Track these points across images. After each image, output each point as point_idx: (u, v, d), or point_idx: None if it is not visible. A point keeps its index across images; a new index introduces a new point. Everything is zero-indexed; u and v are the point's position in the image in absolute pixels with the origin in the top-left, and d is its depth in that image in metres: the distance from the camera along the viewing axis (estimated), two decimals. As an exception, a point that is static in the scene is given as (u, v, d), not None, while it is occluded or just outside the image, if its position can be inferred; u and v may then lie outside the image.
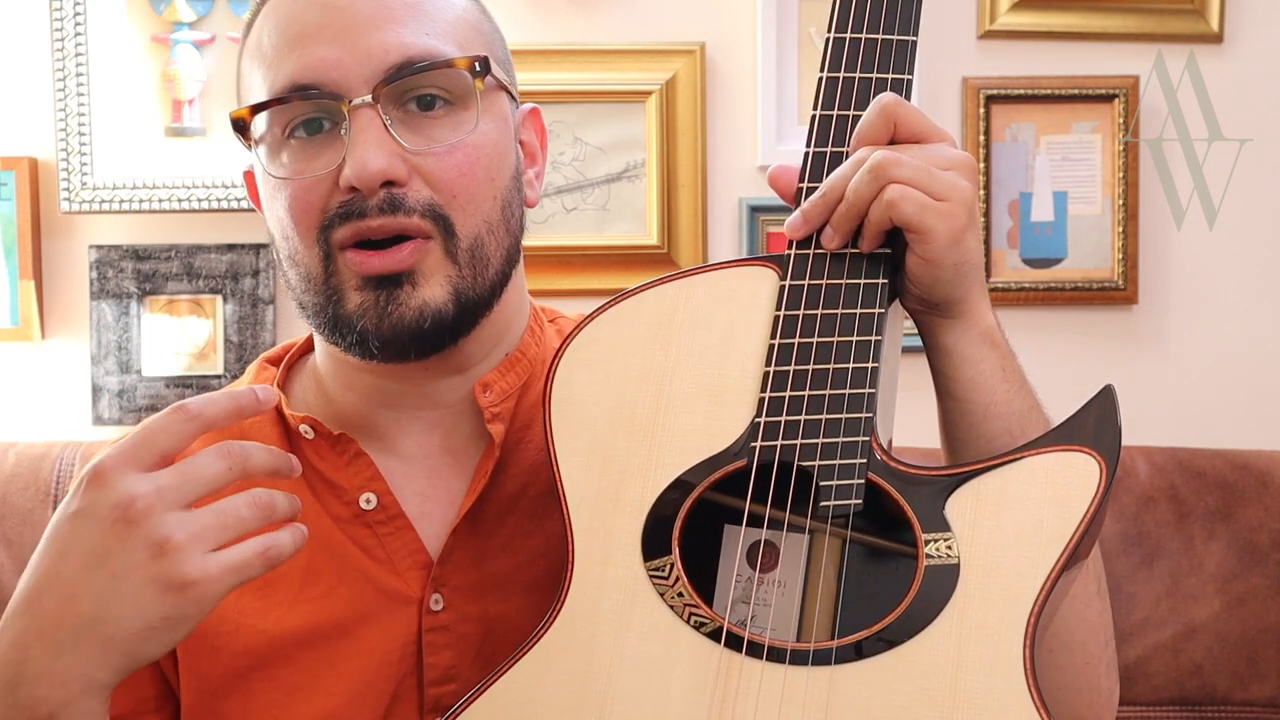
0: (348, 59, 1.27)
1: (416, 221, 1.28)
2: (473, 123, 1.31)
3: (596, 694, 1.16)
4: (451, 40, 1.32)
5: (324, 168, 1.29)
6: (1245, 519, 2.40)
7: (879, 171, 1.20)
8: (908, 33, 1.29)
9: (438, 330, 1.30)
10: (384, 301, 1.28)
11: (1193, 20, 2.68)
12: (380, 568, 1.34)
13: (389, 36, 1.28)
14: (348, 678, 1.32)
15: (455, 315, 1.31)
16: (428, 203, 1.29)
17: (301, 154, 1.30)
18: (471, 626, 1.34)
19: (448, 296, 1.30)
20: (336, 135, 1.28)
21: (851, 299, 1.23)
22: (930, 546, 1.16)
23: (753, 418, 1.21)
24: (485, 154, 1.32)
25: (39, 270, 2.64)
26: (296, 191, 1.30)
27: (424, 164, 1.29)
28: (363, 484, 1.36)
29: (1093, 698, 1.32)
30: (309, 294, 1.33)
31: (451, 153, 1.30)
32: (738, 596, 1.22)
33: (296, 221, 1.31)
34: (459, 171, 1.30)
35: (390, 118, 1.28)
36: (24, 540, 2.33)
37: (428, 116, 1.30)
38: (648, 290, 1.27)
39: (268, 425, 1.39)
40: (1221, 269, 2.72)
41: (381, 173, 1.26)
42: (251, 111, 1.31)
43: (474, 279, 1.31)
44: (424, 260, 1.29)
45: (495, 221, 1.33)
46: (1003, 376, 1.27)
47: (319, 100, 1.28)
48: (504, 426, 1.37)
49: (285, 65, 1.29)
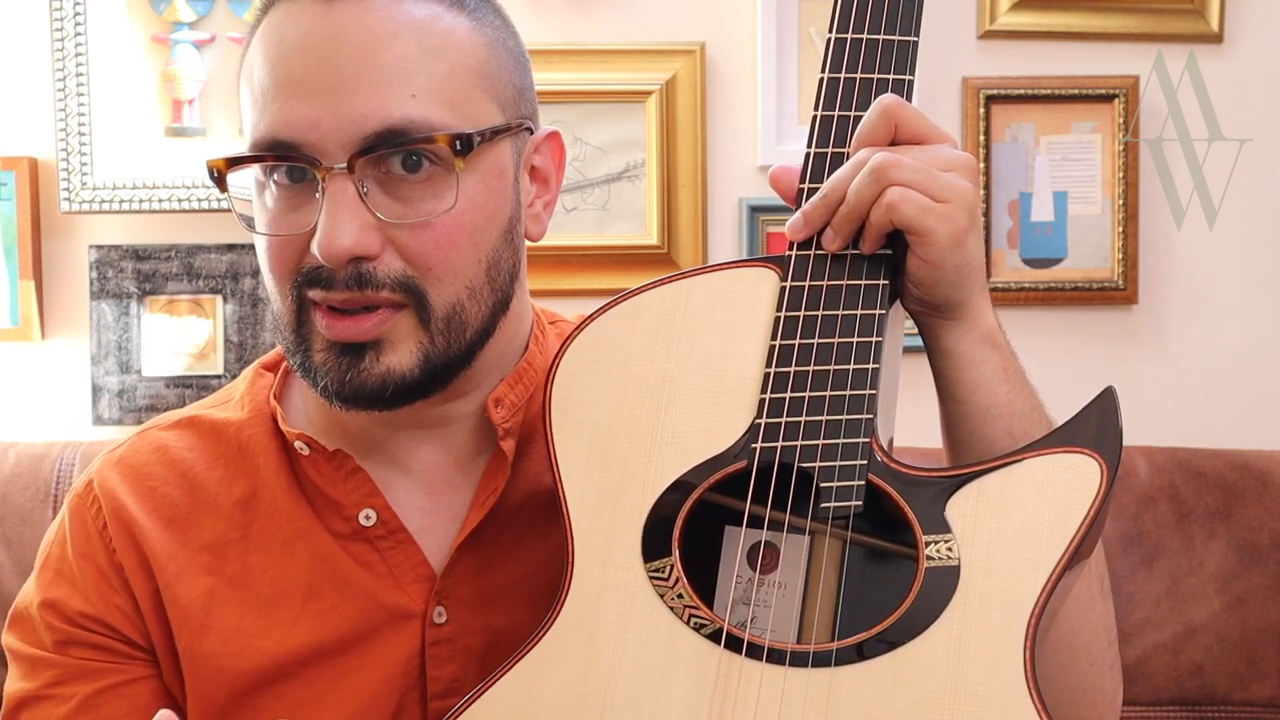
0: (326, 121, 1.21)
1: (385, 295, 1.24)
2: (452, 197, 1.24)
3: (596, 695, 1.15)
4: (443, 99, 1.24)
5: (300, 225, 1.25)
6: (1245, 519, 2.40)
7: (879, 173, 1.19)
8: (909, 33, 1.28)
9: (401, 394, 1.27)
10: (345, 367, 1.26)
11: (1193, 20, 2.69)
12: (382, 583, 1.33)
13: (369, 102, 1.21)
14: (352, 693, 1.32)
15: (421, 380, 1.27)
16: (399, 276, 1.24)
17: (282, 203, 1.26)
18: (475, 639, 1.33)
19: (415, 363, 1.26)
20: (314, 191, 1.24)
21: (852, 300, 1.23)
22: (931, 548, 1.16)
23: (753, 419, 1.21)
24: (468, 222, 1.26)
25: (39, 270, 2.64)
26: (274, 244, 1.27)
27: (399, 236, 1.24)
28: (361, 500, 1.34)
29: (1096, 699, 1.32)
30: (282, 334, 1.31)
31: (429, 227, 1.24)
32: (738, 598, 1.22)
33: (272, 271, 1.28)
34: (435, 245, 1.25)
35: (367, 184, 1.23)
36: (24, 540, 2.33)
37: (411, 179, 1.24)
38: (648, 291, 1.26)
39: (266, 438, 1.38)
40: (1221, 269, 2.73)
41: (347, 251, 1.22)
42: (228, 164, 1.27)
43: (447, 345, 1.28)
44: (393, 329, 1.25)
45: (479, 284, 1.28)
46: (1004, 378, 1.27)
47: (294, 162, 1.24)
48: (515, 442, 1.35)
49: (267, 115, 1.24)
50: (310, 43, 1.23)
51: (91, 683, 1.33)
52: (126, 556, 1.34)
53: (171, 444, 1.40)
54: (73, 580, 1.35)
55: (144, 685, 1.35)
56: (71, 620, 1.34)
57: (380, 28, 1.23)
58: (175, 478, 1.37)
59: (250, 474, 1.37)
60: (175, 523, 1.35)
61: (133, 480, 1.37)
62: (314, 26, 1.23)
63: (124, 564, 1.34)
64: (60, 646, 1.34)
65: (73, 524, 1.37)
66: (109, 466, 1.39)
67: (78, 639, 1.33)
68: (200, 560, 1.34)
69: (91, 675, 1.33)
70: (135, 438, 1.42)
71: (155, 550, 1.34)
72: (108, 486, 1.37)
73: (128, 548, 1.34)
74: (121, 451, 1.41)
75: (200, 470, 1.38)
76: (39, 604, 1.35)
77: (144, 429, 1.43)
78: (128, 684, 1.34)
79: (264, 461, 1.37)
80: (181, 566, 1.34)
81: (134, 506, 1.36)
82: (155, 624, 1.34)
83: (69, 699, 1.33)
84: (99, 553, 1.35)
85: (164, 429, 1.42)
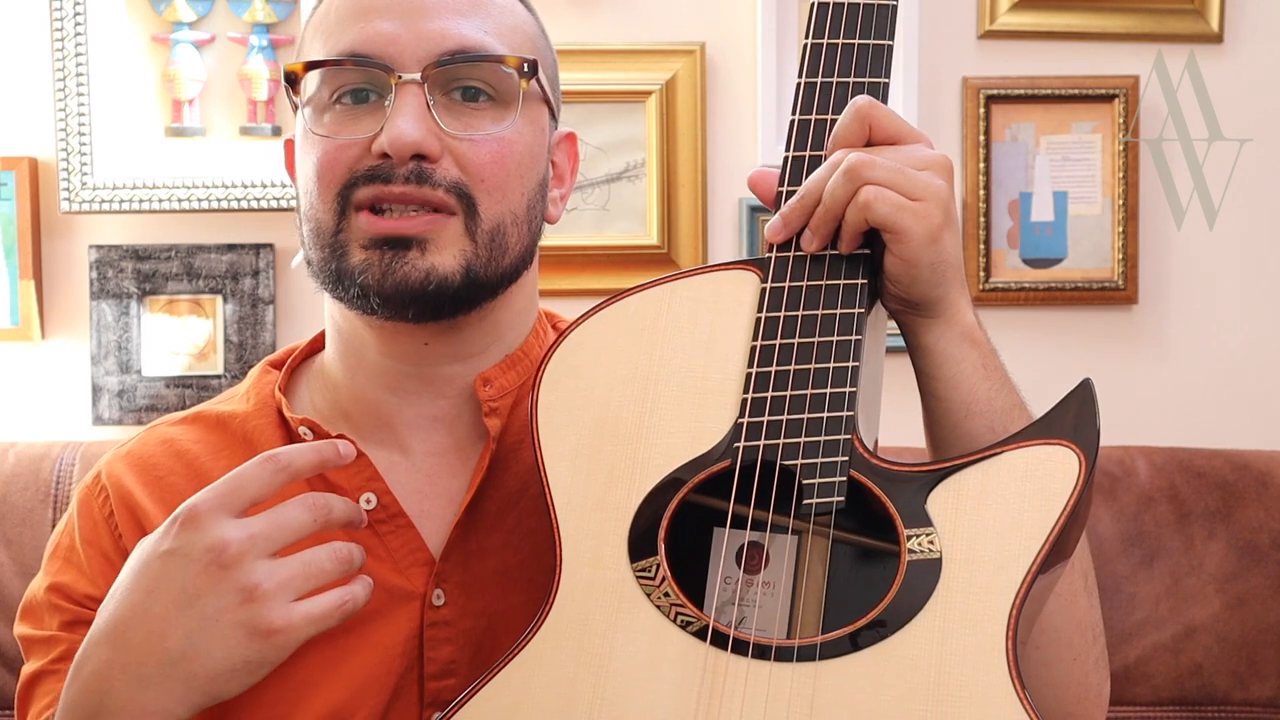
0: (405, 37, 1.31)
1: (441, 195, 1.31)
2: (511, 120, 1.34)
3: (585, 695, 1.16)
4: (507, 42, 1.35)
5: (362, 132, 1.32)
6: (1245, 519, 2.40)
7: (853, 173, 1.20)
8: (884, 38, 1.29)
9: (440, 296, 1.32)
10: (389, 260, 1.31)
11: (1193, 20, 2.68)
12: (382, 565, 1.35)
13: (449, 24, 1.32)
14: (351, 674, 1.33)
15: (461, 286, 1.32)
16: (455, 181, 1.32)
17: (344, 118, 1.33)
18: (472, 621, 1.35)
19: (458, 266, 1.32)
20: (380, 107, 1.32)
21: (831, 300, 1.24)
22: (912, 542, 1.17)
23: (736, 419, 1.22)
24: (518, 151, 1.35)
25: (39, 270, 2.65)
26: (329, 148, 1.33)
27: (458, 147, 1.32)
28: (362, 484, 1.37)
29: (1081, 693, 1.33)
30: (315, 248, 1.36)
31: (487, 142, 1.33)
32: (725, 598, 1.22)
33: (320, 175, 1.33)
34: (491, 158, 1.33)
35: (434, 99, 1.31)
36: (24, 540, 2.33)
37: (470, 107, 1.33)
38: (632, 295, 1.28)
39: (271, 428, 1.41)
40: (1221, 269, 2.72)
41: (415, 144, 1.29)
42: (305, 68, 1.35)
43: (489, 260, 1.34)
44: (441, 231, 1.31)
45: (520, 215, 1.36)
46: (984, 374, 1.27)
47: (370, 69, 1.32)
48: (500, 422, 1.38)
49: (346, 34, 1.33)
50: None
51: None
52: (132, 541, 1.34)
53: (178, 437, 1.43)
54: (79, 566, 1.37)
55: None
56: (78, 601, 1.36)
57: None
58: (182, 467, 1.40)
59: None
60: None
61: (140, 470, 1.40)
62: None
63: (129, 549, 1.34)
64: (67, 626, 1.36)
65: (80, 514, 1.40)
66: (117, 459, 1.43)
67: (83, 618, 1.34)
68: None
69: None
70: (143, 433, 1.45)
71: None
72: (115, 476, 1.40)
73: (133, 532, 1.35)
74: (129, 446, 1.44)
75: (206, 460, 1.40)
76: (46, 588, 1.38)
77: (151, 426, 1.47)
78: None
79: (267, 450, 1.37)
80: None
81: (141, 495, 1.38)
82: None
83: None
84: (105, 538, 1.38)
85: (171, 424, 1.45)
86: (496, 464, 1.37)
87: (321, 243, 1.34)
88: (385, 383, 1.40)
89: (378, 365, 1.39)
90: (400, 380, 1.39)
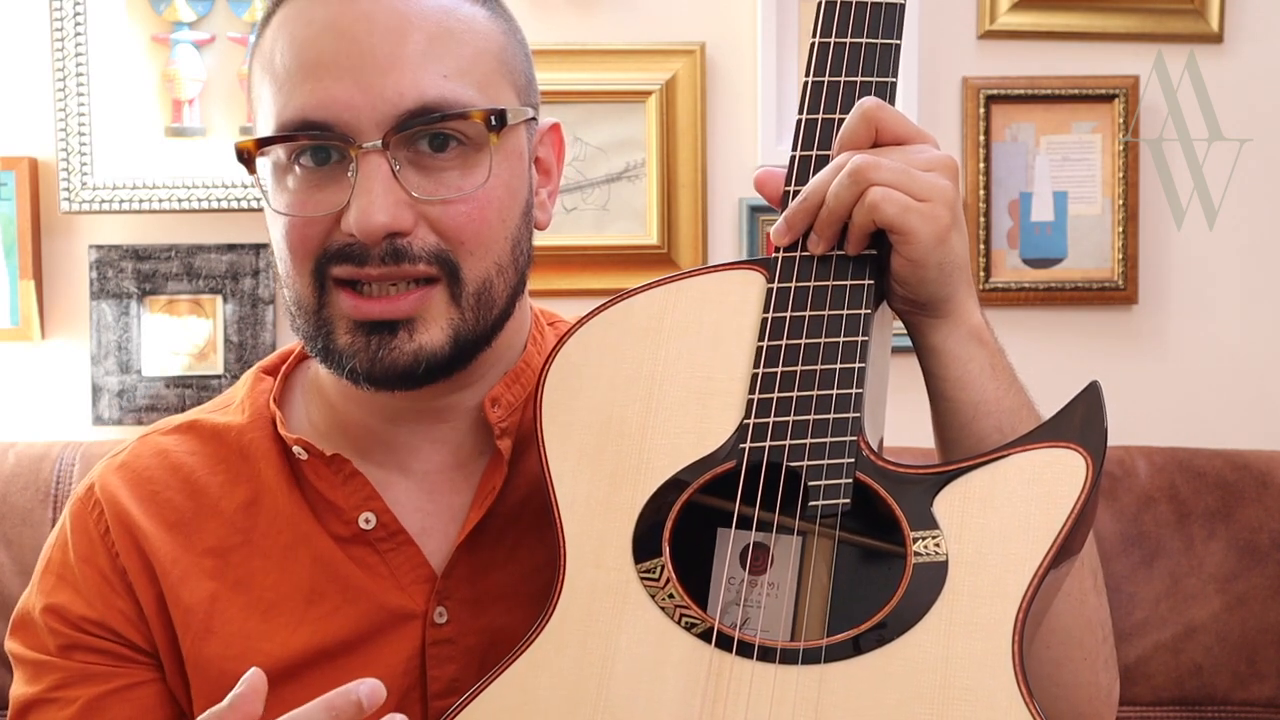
0: (360, 100, 1.23)
1: (421, 269, 1.26)
2: (485, 171, 1.27)
3: (589, 697, 1.16)
4: (471, 80, 1.27)
5: (327, 205, 1.26)
6: (1245, 519, 2.40)
7: (859, 175, 1.20)
8: (891, 36, 1.29)
9: (431, 372, 1.28)
10: (375, 346, 1.26)
11: (1193, 20, 2.68)
12: (383, 584, 1.34)
13: (403, 80, 1.24)
14: None
15: (451, 356, 1.29)
16: (434, 249, 1.26)
17: (306, 184, 1.27)
18: (475, 639, 1.34)
19: (446, 340, 1.28)
20: (343, 171, 1.25)
21: (838, 300, 1.23)
22: (918, 544, 1.16)
23: (741, 420, 1.21)
24: (497, 199, 1.29)
25: (39, 270, 2.64)
26: (296, 224, 1.27)
27: (431, 212, 1.26)
28: (360, 504, 1.35)
29: (1091, 693, 1.32)
30: (300, 319, 1.31)
31: (462, 202, 1.26)
32: (730, 599, 1.22)
33: (292, 251, 1.28)
34: (468, 219, 1.27)
35: (399, 162, 1.24)
36: (24, 540, 2.33)
37: (440, 158, 1.26)
38: (637, 295, 1.27)
39: (267, 442, 1.38)
40: (1221, 269, 2.72)
41: (384, 226, 1.23)
42: (257, 145, 1.28)
43: (476, 321, 1.29)
44: (427, 308, 1.27)
45: (505, 262, 1.31)
46: (991, 374, 1.27)
47: (327, 140, 1.25)
48: (511, 441, 1.36)
49: (296, 96, 1.25)
50: (341, 24, 1.25)
51: (95, 686, 1.33)
52: (130, 560, 1.34)
53: (173, 448, 1.40)
54: (75, 585, 1.35)
55: (147, 689, 1.35)
56: (74, 625, 1.34)
57: (408, 9, 1.26)
58: (177, 482, 1.38)
59: (252, 478, 1.37)
60: (178, 527, 1.36)
61: (134, 484, 1.38)
62: (343, 9, 1.25)
63: (127, 568, 1.34)
64: (64, 651, 1.34)
65: (74, 529, 1.37)
66: (110, 471, 1.39)
67: (81, 643, 1.34)
68: (203, 564, 1.35)
69: (95, 679, 1.34)
70: (136, 443, 1.42)
71: (158, 554, 1.34)
72: (109, 490, 1.37)
73: (131, 551, 1.34)
74: (123, 457, 1.41)
75: (202, 475, 1.38)
76: (42, 609, 1.35)
77: (144, 434, 1.44)
78: (131, 688, 1.35)
79: (265, 465, 1.37)
80: (185, 570, 1.34)
81: (136, 511, 1.36)
82: (159, 627, 1.34)
83: (72, 702, 1.33)
84: (101, 557, 1.35)
85: (164, 434, 1.42)
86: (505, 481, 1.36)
87: (305, 317, 1.30)
88: (383, 415, 1.37)
89: (374, 399, 1.35)
90: (400, 413, 1.37)
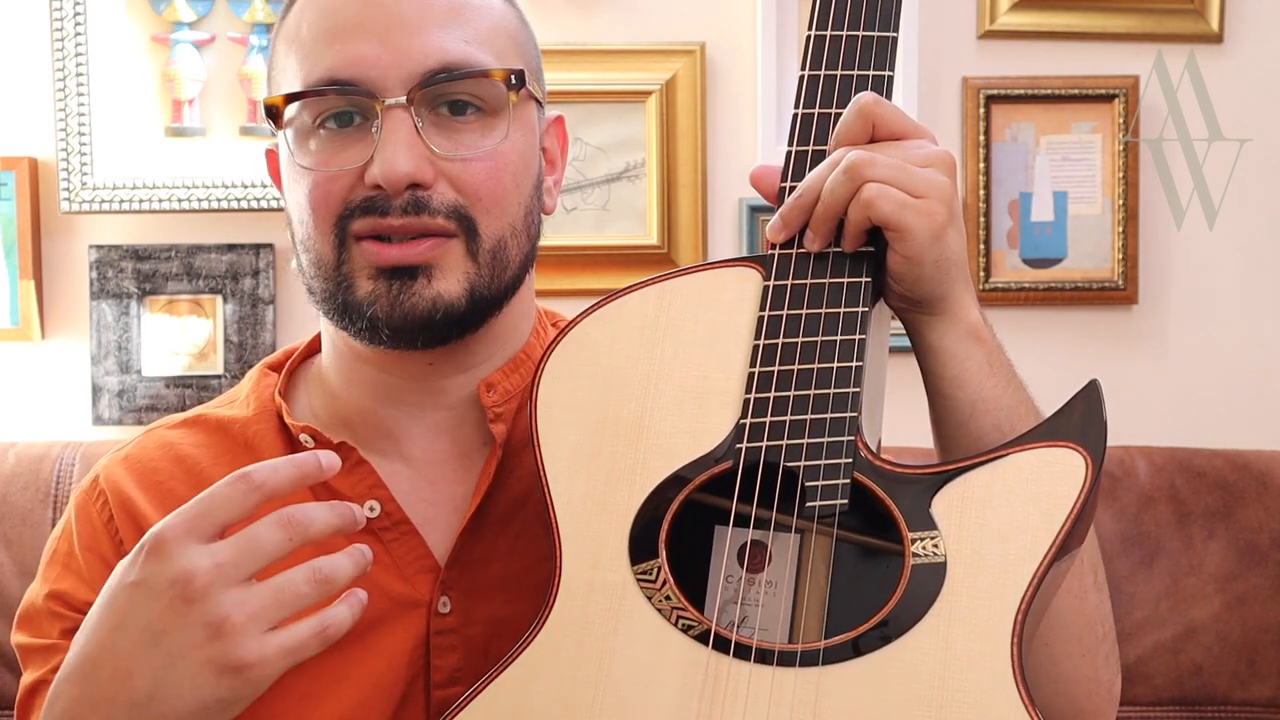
0: (386, 58, 1.28)
1: (440, 222, 1.29)
2: (503, 132, 1.32)
3: (585, 699, 1.15)
4: (489, 48, 1.33)
5: (351, 162, 1.30)
6: (1245, 519, 2.40)
7: (854, 171, 1.19)
8: (888, 29, 1.27)
9: (448, 322, 1.31)
10: (396, 291, 1.29)
11: (1193, 20, 2.68)
12: (387, 574, 1.34)
13: (429, 40, 1.29)
14: (358, 683, 1.32)
15: (467, 310, 1.31)
16: (452, 204, 1.30)
17: (330, 144, 1.31)
18: (478, 629, 1.34)
19: (462, 291, 1.30)
20: (367, 131, 1.29)
21: (835, 298, 1.22)
22: (917, 545, 1.16)
23: (738, 419, 1.21)
24: (512, 163, 1.33)
25: (39, 270, 2.64)
26: (320, 180, 1.31)
27: (451, 169, 1.30)
28: (365, 492, 1.36)
29: (1092, 689, 1.32)
30: (318, 279, 1.34)
31: (480, 160, 1.31)
32: (727, 598, 1.21)
33: (315, 209, 1.31)
34: (486, 176, 1.31)
35: (422, 120, 1.29)
36: (24, 540, 2.33)
37: (459, 121, 1.31)
38: (632, 293, 1.27)
39: (272, 433, 1.39)
40: (1221, 269, 2.72)
41: (408, 175, 1.27)
42: (285, 100, 1.32)
43: (491, 279, 1.32)
44: (444, 256, 1.30)
45: (519, 226, 1.34)
46: (989, 372, 1.26)
47: (354, 96, 1.29)
48: (506, 427, 1.37)
49: (324, 57, 1.30)
50: None
51: None
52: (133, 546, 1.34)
53: (177, 441, 1.41)
54: (79, 573, 1.36)
55: None
56: (78, 609, 1.33)
57: None
58: (182, 473, 1.38)
59: None
60: None
61: (139, 475, 1.39)
62: None
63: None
64: (67, 635, 1.33)
65: (78, 519, 1.38)
66: (115, 464, 1.40)
67: None
68: None
69: None
70: (141, 437, 1.43)
71: None
72: (114, 481, 1.38)
73: (134, 538, 1.33)
74: (128, 450, 1.42)
75: (206, 465, 1.38)
76: (45, 595, 1.36)
77: (149, 429, 1.45)
78: None
79: (269, 456, 1.36)
80: None
81: (141, 500, 1.37)
82: None
83: None
84: (105, 544, 1.36)
85: (170, 428, 1.43)
86: (502, 469, 1.36)
87: (325, 275, 1.33)
88: (385, 397, 1.39)
89: (377, 380, 1.38)
90: (401, 394, 1.38)
